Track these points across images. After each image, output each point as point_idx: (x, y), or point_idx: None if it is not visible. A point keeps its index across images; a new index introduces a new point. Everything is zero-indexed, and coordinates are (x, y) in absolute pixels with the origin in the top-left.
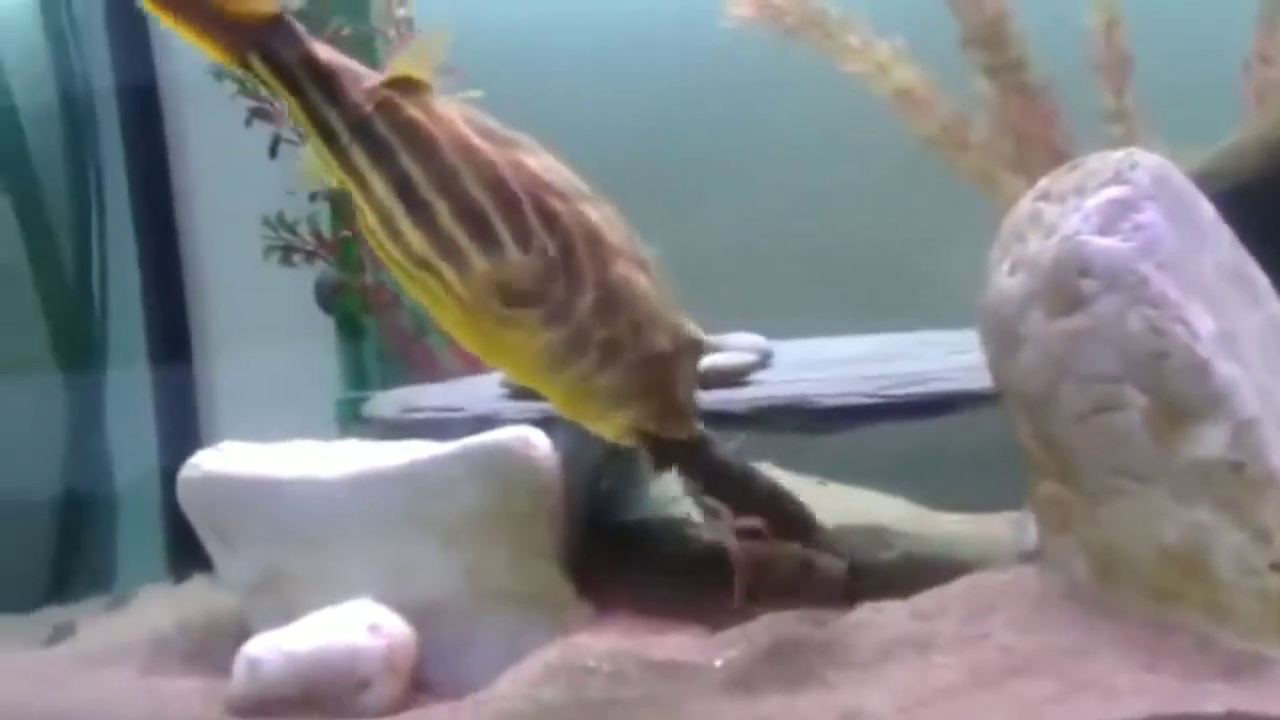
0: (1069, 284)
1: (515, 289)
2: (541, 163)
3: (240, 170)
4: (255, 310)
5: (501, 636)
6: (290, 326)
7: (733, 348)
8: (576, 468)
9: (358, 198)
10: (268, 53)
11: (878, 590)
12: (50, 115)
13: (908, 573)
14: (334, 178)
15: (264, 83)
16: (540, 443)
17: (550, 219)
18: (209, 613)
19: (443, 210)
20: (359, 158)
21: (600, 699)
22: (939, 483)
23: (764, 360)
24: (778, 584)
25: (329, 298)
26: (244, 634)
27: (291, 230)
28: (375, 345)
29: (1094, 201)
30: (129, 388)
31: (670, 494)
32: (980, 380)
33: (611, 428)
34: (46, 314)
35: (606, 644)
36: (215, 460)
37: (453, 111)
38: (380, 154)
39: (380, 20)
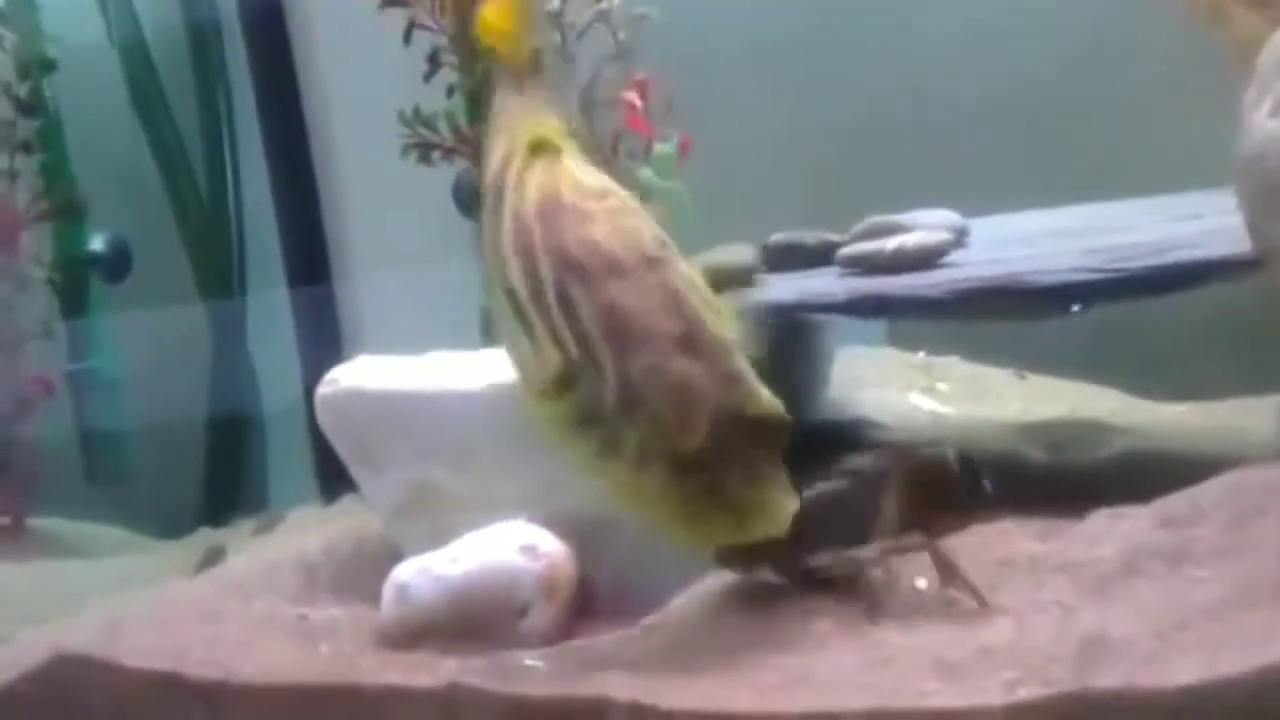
0: None
1: (543, 387)
2: (584, 234)
3: (370, 71)
4: (392, 218)
5: (670, 556)
6: (429, 233)
7: (922, 226)
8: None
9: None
10: None
11: (1101, 495)
12: (177, 37)
13: (1134, 473)
14: None
15: None
16: None
17: (569, 309)
18: (356, 536)
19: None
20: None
21: (788, 625)
22: (1150, 370)
23: (959, 238)
24: None
25: (469, 199)
26: (393, 558)
27: (429, 125)
28: None
29: None
30: (271, 307)
31: (857, 392)
32: (1230, 245)
33: (695, 542)
34: (185, 241)
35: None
36: (353, 375)
37: (559, 169)
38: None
39: None
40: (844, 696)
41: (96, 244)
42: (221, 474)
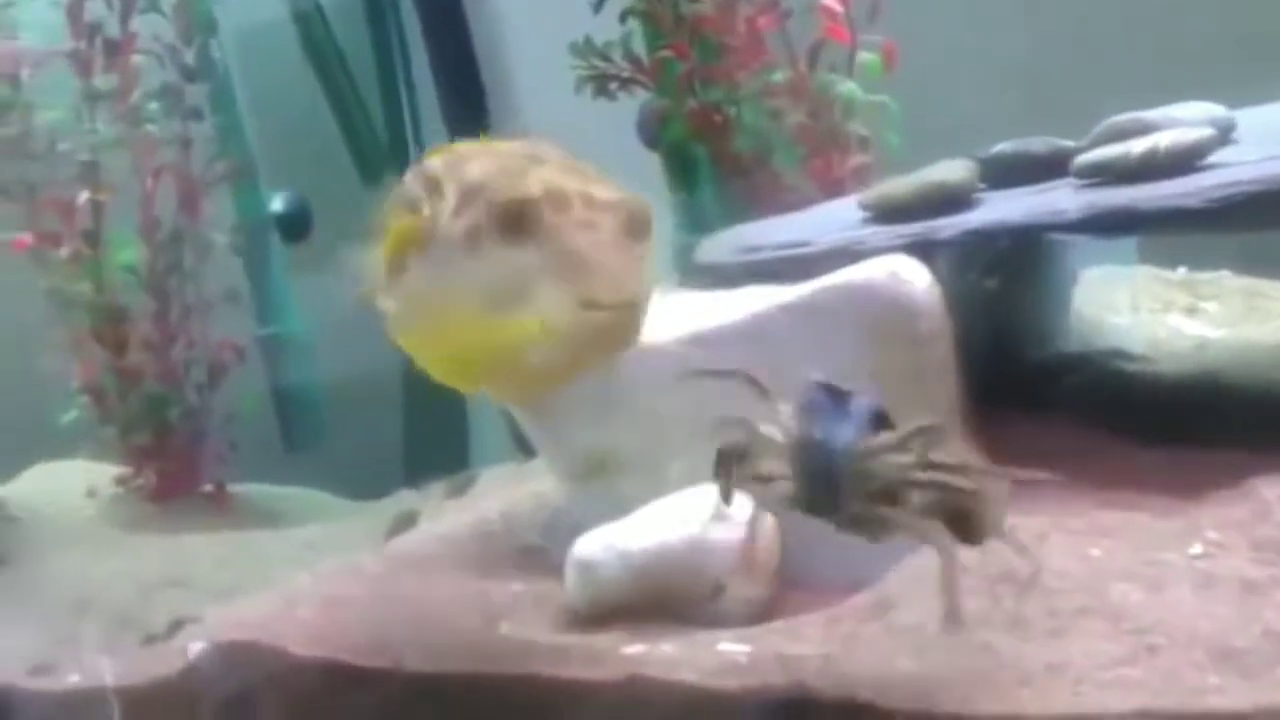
0: None
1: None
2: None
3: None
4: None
5: None
6: (612, 168)
7: (1177, 123)
8: (969, 300)
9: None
10: None
11: None
12: None
13: None
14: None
15: None
16: (916, 275)
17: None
18: (536, 503)
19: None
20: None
21: (1024, 606)
22: None
23: (1224, 134)
24: None
25: (653, 129)
26: (575, 527)
27: (604, 56)
28: (711, 178)
29: None
30: None
31: (1106, 319)
32: None
33: None
34: (370, 194)
35: (1030, 532)
36: None
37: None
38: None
39: None
40: (1103, 695)
41: (275, 204)
42: (420, 431)
